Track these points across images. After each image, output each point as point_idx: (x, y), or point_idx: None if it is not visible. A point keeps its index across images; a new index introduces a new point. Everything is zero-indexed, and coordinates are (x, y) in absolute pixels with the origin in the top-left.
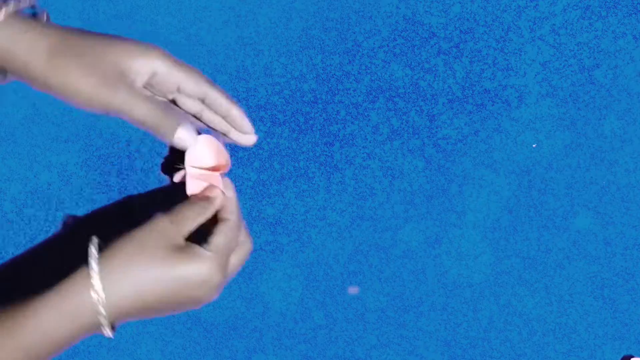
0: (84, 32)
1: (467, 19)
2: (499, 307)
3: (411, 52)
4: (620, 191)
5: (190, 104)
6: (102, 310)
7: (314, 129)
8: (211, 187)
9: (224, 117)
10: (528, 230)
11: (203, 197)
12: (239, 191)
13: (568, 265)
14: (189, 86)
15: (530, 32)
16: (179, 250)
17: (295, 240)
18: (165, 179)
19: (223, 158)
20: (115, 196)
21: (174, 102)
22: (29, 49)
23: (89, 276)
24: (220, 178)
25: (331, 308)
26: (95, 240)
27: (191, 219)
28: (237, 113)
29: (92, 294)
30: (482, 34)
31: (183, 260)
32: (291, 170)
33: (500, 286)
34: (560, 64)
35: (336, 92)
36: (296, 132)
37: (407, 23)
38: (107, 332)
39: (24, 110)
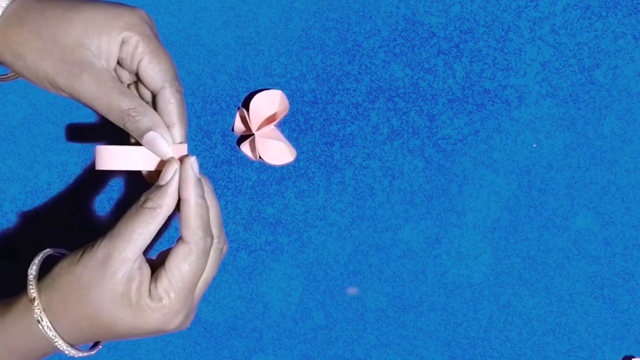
0: (48, 0)
1: (467, 19)
2: (499, 307)
3: (411, 52)
4: (620, 191)
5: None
6: (56, 339)
7: (314, 129)
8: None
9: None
10: (528, 230)
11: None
12: (238, 191)
13: (568, 265)
14: (149, 71)
15: (530, 32)
16: (120, 303)
17: (295, 240)
18: None
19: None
20: (115, 196)
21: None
22: None
23: (30, 308)
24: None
25: (331, 308)
26: (35, 267)
27: (132, 240)
28: (176, 134)
29: (39, 325)
30: (482, 34)
31: (126, 319)
32: (291, 170)
33: (500, 286)
34: (560, 64)
35: (336, 92)
36: (296, 132)
37: (407, 23)
38: (75, 353)
39: (24, 110)
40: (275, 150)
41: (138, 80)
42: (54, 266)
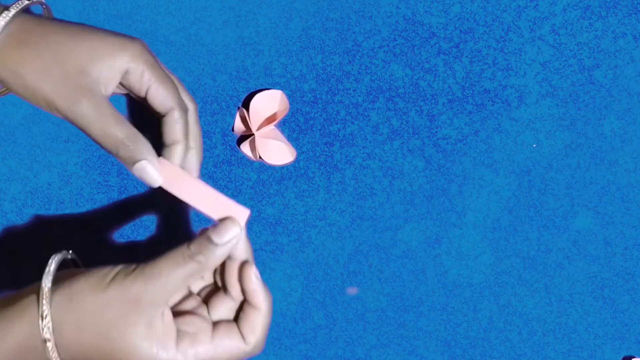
0: (52, 23)
1: (467, 19)
2: (499, 307)
3: (411, 52)
4: (620, 191)
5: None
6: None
7: (314, 129)
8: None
9: (167, 144)
10: (528, 230)
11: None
12: (238, 191)
13: (568, 265)
14: (157, 97)
15: (530, 32)
16: (139, 346)
17: (295, 240)
18: None
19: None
20: (115, 196)
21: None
22: None
23: (36, 321)
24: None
25: (331, 308)
26: (50, 277)
27: (168, 288)
28: (178, 150)
29: (44, 344)
30: (482, 34)
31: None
32: (291, 170)
33: (500, 286)
34: (560, 64)
35: (336, 92)
36: (296, 132)
37: (407, 23)
38: None
39: (24, 110)
40: (275, 150)
41: (145, 104)
42: (69, 278)
